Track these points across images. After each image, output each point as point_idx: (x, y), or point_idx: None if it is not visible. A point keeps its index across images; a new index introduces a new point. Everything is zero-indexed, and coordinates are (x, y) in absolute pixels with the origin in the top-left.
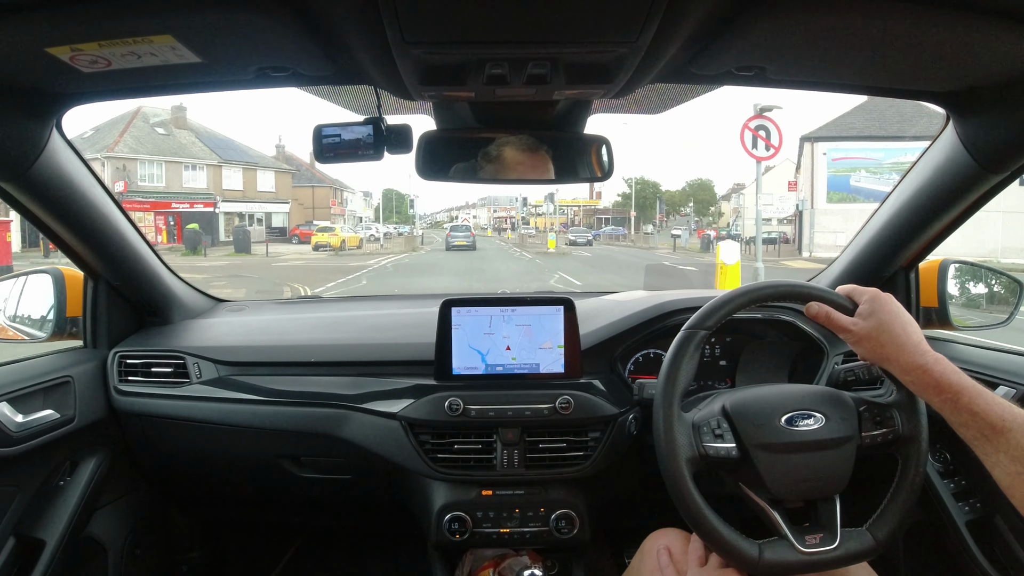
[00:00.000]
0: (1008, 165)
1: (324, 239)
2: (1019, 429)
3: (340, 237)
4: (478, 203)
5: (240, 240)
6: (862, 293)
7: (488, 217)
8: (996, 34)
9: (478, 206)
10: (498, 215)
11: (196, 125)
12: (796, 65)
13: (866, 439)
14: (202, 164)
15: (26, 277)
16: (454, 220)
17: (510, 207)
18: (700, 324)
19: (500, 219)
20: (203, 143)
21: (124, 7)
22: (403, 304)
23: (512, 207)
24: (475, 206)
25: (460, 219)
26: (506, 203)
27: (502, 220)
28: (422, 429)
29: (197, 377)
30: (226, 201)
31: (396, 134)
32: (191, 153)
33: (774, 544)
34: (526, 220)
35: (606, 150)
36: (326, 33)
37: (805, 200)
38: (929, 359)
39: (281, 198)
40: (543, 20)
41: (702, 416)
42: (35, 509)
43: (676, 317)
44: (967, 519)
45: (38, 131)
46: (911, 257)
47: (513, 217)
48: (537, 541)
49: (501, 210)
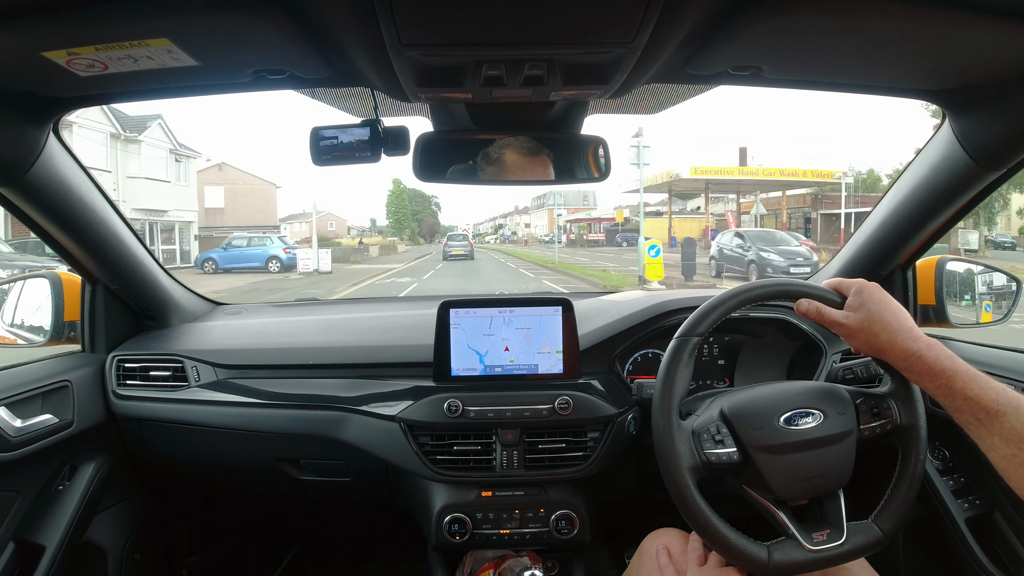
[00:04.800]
0: (1005, 162)
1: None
2: (1013, 412)
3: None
4: (532, 206)
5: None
6: (849, 286)
7: (549, 223)
8: (992, 31)
9: (532, 210)
10: (570, 218)
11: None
12: (792, 65)
13: (865, 431)
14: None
15: (24, 281)
16: (456, 231)
17: (585, 206)
18: (691, 331)
19: (579, 224)
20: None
21: (120, 11)
22: (401, 306)
23: (588, 205)
24: (527, 211)
25: (460, 228)
26: (577, 200)
27: (584, 227)
28: (421, 431)
29: (195, 380)
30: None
31: (393, 136)
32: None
33: (782, 544)
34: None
35: (603, 150)
36: (322, 35)
37: None
38: (922, 344)
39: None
40: (539, 21)
41: (701, 423)
42: (34, 514)
43: (674, 317)
44: (967, 516)
45: (35, 135)
46: (908, 255)
47: (606, 219)
48: (537, 542)
49: (569, 212)
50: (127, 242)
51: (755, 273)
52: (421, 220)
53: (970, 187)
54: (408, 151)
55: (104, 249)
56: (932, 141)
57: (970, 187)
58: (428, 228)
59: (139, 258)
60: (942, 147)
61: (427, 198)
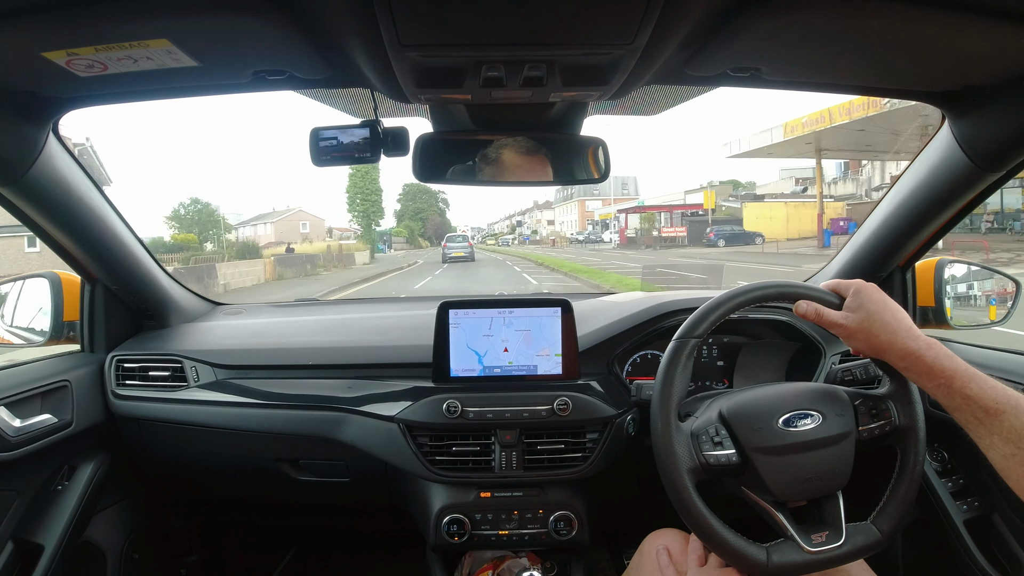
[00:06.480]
0: (1004, 164)
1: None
2: (1012, 411)
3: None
4: (556, 199)
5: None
6: (847, 287)
7: (580, 218)
8: (991, 33)
9: (556, 203)
10: (624, 207)
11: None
12: (791, 66)
13: (864, 433)
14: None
15: (23, 281)
16: (461, 231)
17: (625, 196)
18: (690, 333)
19: (643, 214)
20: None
21: (120, 12)
22: (401, 307)
23: (628, 195)
24: (549, 205)
25: (459, 230)
26: (616, 189)
27: (648, 220)
28: (420, 431)
29: (195, 381)
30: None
31: (393, 136)
32: None
33: (781, 546)
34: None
35: (603, 151)
36: (322, 36)
37: None
38: (921, 344)
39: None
40: (539, 22)
41: (700, 424)
42: (33, 513)
43: (674, 318)
44: (965, 518)
45: (35, 135)
46: (908, 256)
47: (686, 206)
48: (536, 542)
49: (605, 203)
50: (126, 242)
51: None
52: (426, 219)
53: (969, 188)
54: (408, 152)
55: (103, 249)
56: (931, 143)
57: (969, 188)
58: (435, 228)
59: (138, 258)
60: (941, 149)
61: (433, 194)
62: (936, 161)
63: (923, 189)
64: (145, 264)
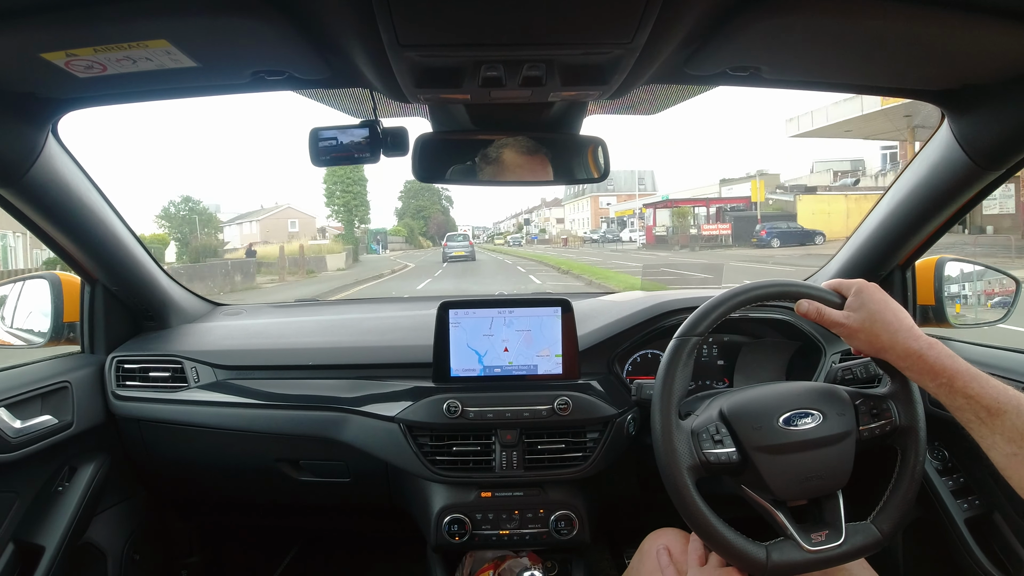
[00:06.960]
0: (1004, 162)
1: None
2: (1014, 411)
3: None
4: (566, 196)
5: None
6: (849, 286)
7: (592, 215)
8: (991, 32)
9: (566, 200)
10: (652, 202)
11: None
12: (791, 65)
13: (864, 432)
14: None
15: (23, 283)
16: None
17: (642, 191)
18: (691, 331)
19: (677, 208)
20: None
21: (119, 13)
22: (401, 307)
23: (644, 191)
24: (558, 202)
25: (460, 229)
26: (630, 184)
27: (681, 215)
28: (421, 432)
29: (195, 381)
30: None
31: (392, 137)
32: None
33: (780, 545)
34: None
35: (602, 151)
36: (321, 37)
37: None
38: (923, 344)
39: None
40: (538, 22)
41: (700, 422)
42: (34, 515)
43: (674, 317)
44: (966, 516)
45: (34, 136)
46: (908, 255)
47: (729, 200)
48: (537, 542)
49: (619, 200)
50: (126, 243)
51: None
52: (428, 217)
53: (969, 187)
54: (407, 152)
55: (103, 250)
56: (931, 141)
57: (969, 187)
58: (438, 226)
59: (138, 259)
60: (941, 147)
61: (436, 192)
62: (936, 160)
63: (923, 188)
64: (145, 265)
